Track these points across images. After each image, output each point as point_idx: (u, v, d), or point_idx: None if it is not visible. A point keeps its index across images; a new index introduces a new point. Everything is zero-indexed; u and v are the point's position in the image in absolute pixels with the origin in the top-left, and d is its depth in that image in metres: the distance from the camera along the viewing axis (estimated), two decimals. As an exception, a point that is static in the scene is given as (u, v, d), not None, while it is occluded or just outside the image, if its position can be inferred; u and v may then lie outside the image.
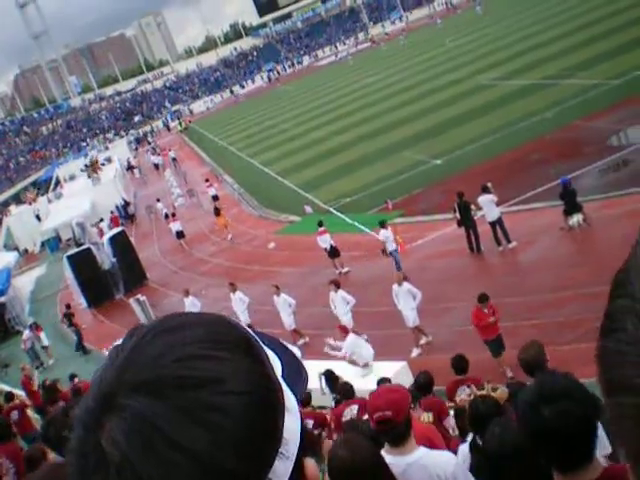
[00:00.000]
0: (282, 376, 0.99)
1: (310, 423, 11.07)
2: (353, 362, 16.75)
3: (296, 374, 1.06)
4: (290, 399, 0.98)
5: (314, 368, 18.49)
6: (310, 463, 1.01)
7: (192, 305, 24.82)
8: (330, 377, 14.68)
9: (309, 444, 1.01)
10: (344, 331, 17.51)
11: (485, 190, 22.61)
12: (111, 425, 0.85)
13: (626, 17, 48.50)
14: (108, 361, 0.92)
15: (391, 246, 23.48)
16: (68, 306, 32.59)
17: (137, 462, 0.82)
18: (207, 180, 50.31)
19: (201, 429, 0.84)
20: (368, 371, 16.66)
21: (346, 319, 19.32)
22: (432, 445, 5.61)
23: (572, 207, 21.03)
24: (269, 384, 0.93)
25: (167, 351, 0.89)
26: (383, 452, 4.84)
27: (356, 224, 29.96)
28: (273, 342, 1.06)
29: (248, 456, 0.86)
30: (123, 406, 0.85)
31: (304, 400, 12.14)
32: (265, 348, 0.99)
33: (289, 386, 1.00)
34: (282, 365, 1.02)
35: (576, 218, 20.84)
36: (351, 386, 12.42)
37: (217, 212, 39.41)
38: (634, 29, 43.40)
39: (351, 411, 11.25)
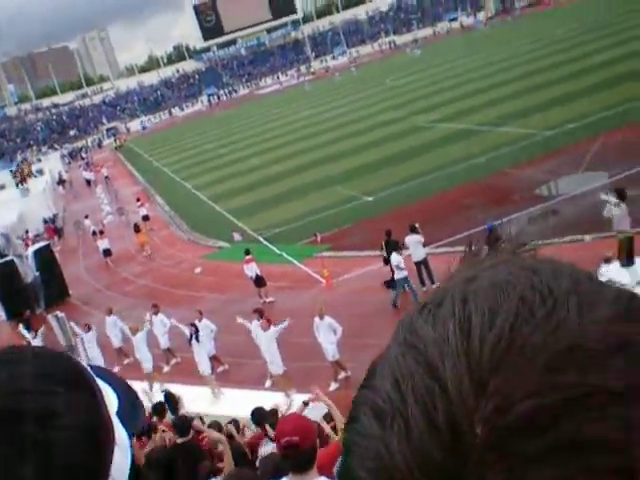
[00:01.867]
0: (117, 411, 0.99)
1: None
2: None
3: (132, 408, 1.05)
4: (121, 434, 0.97)
5: (233, 397, 18.48)
6: None
7: (114, 325, 24.39)
8: (169, 398, 14.48)
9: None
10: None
11: (413, 230, 22.79)
12: None
13: (561, 72, 50.10)
14: None
15: (401, 273, 22.12)
16: (24, 312, 31.67)
17: None
18: (139, 199, 49.66)
19: (29, 464, 0.82)
20: (290, 401, 16.68)
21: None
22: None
23: (497, 253, 21.30)
24: (100, 420, 0.91)
25: None
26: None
27: (284, 255, 29.98)
28: (110, 377, 1.05)
29: None
30: None
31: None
32: (100, 383, 0.98)
33: (123, 421, 0.99)
34: (118, 400, 1.02)
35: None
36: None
37: (137, 229, 39.11)
38: (568, 83, 44.92)
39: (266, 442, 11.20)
